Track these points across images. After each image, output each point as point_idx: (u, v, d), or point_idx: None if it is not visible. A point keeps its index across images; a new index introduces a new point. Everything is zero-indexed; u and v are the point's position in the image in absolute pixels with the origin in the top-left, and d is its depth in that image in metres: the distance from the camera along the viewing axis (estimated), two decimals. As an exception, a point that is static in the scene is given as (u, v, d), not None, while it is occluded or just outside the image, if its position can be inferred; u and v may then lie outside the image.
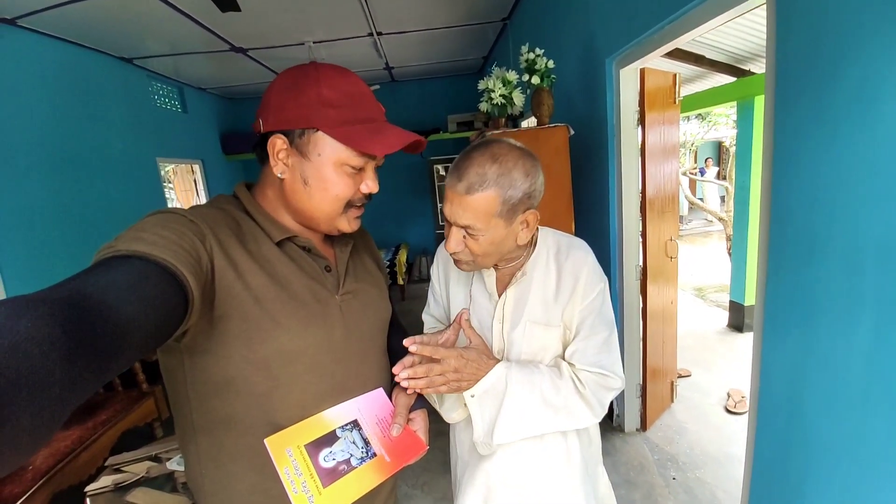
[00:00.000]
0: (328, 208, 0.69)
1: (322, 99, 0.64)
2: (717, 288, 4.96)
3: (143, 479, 1.65)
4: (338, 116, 0.65)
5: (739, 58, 3.65)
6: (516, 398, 0.79)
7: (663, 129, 2.26)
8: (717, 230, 8.10)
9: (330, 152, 0.66)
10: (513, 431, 0.80)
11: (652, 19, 1.65)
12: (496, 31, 4.14)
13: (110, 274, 0.44)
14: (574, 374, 0.83)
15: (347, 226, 0.73)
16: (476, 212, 0.75)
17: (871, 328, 0.92)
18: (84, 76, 3.32)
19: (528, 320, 0.85)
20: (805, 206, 1.06)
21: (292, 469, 0.61)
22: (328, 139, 0.65)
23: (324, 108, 0.64)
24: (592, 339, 0.84)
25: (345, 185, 0.68)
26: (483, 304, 0.91)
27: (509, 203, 0.75)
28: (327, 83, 0.65)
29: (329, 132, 0.65)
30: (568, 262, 0.86)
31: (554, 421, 0.82)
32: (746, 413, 2.51)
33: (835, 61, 0.94)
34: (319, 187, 0.67)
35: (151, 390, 2.54)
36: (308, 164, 0.66)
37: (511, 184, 0.74)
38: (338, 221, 0.71)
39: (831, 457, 1.05)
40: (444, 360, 0.74)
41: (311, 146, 0.65)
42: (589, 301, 0.84)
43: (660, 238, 2.33)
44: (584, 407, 0.82)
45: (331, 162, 0.66)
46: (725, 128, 8.86)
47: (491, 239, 0.78)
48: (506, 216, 0.76)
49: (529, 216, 0.79)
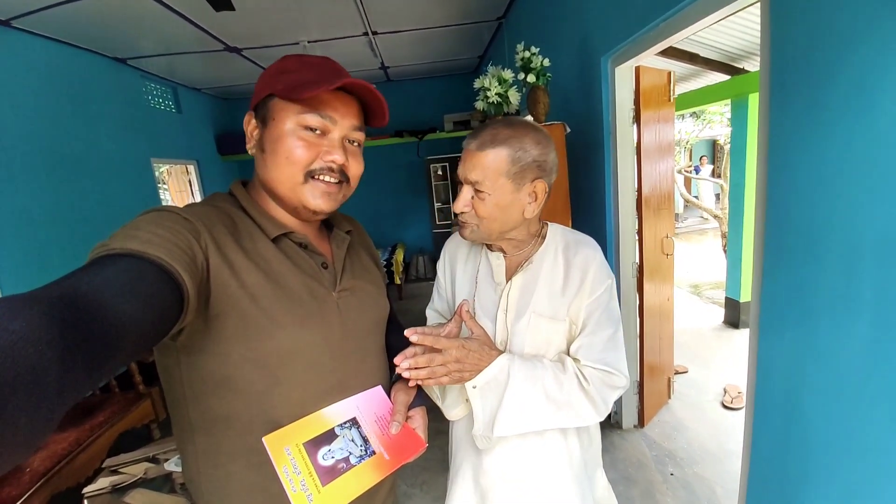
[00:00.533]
0: (283, 175, 0.67)
1: (280, 68, 0.68)
2: (713, 285, 4.98)
3: (141, 481, 1.64)
4: (289, 80, 0.66)
5: (733, 56, 3.67)
6: (518, 391, 0.78)
7: (658, 127, 2.27)
8: (713, 227, 8.14)
9: (283, 114, 0.66)
10: (513, 425, 0.80)
11: (647, 17, 1.65)
12: (491, 30, 4.15)
13: (105, 272, 0.44)
14: (579, 370, 0.83)
15: (312, 200, 0.69)
16: (485, 168, 0.77)
17: (869, 324, 0.92)
18: (78, 77, 3.30)
19: (533, 312, 0.85)
20: (801, 203, 1.07)
21: (291, 468, 0.61)
22: (281, 102, 0.66)
23: (280, 74, 0.67)
24: (598, 334, 0.84)
25: (297, 148, 0.66)
26: (488, 293, 0.91)
27: (518, 164, 0.77)
28: (291, 58, 0.69)
29: (278, 93, 0.66)
30: (577, 257, 0.86)
31: (556, 417, 0.81)
32: (743, 408, 2.54)
33: (830, 59, 0.95)
34: (274, 151, 0.67)
35: (148, 392, 2.53)
36: (266, 132, 0.68)
37: (521, 146, 0.77)
38: (300, 193, 0.68)
39: (829, 453, 1.06)
40: (446, 350, 0.74)
41: (269, 112, 0.67)
42: (596, 296, 0.84)
43: (656, 235, 2.34)
44: (587, 404, 0.81)
45: (283, 124, 0.66)
46: (720, 126, 8.91)
47: (497, 201, 0.79)
48: (514, 178, 0.78)
49: (539, 186, 0.80)
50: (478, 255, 0.95)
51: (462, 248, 1.00)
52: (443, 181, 5.97)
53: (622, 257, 2.28)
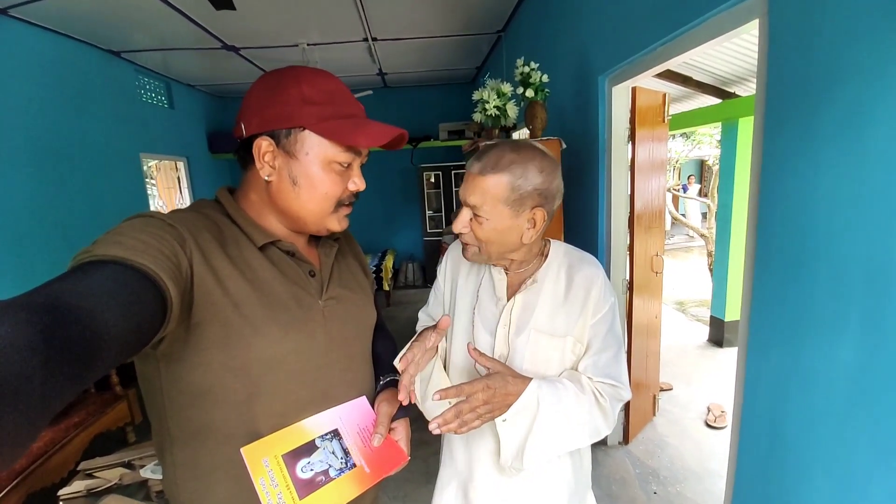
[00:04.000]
0: (317, 208, 0.69)
1: (304, 97, 0.65)
2: (698, 303, 5.05)
3: (116, 486, 1.59)
4: (320, 113, 0.65)
5: (725, 80, 3.76)
6: (546, 417, 0.77)
7: (652, 146, 2.30)
8: (699, 245, 8.28)
9: (318, 150, 0.66)
10: (543, 451, 0.78)
11: (646, 40, 1.68)
12: (490, 42, 4.19)
13: (88, 279, 0.43)
14: (594, 387, 0.84)
15: (337, 225, 0.72)
16: (484, 194, 0.77)
17: (856, 346, 0.94)
18: (70, 68, 3.25)
19: (534, 328, 0.85)
20: (791, 225, 1.09)
21: (268, 480, 0.60)
22: (315, 137, 0.65)
23: (306, 105, 0.65)
24: (605, 353, 0.84)
25: (333, 183, 0.68)
26: (489, 307, 0.90)
27: (517, 192, 0.76)
28: (307, 82, 0.66)
29: (314, 129, 0.65)
30: (578, 275, 0.86)
31: (580, 436, 0.81)
32: (726, 428, 2.56)
33: (825, 85, 0.97)
34: (308, 186, 0.67)
35: (125, 393, 2.46)
36: (296, 164, 0.66)
37: (524, 174, 0.76)
38: (328, 221, 0.71)
39: (814, 474, 1.07)
40: (472, 396, 0.71)
41: (299, 145, 0.65)
42: (600, 316, 0.84)
43: (646, 253, 2.37)
44: (602, 419, 0.82)
45: (319, 160, 0.66)
46: (708, 147, 9.11)
47: (494, 226, 0.78)
48: (512, 205, 0.77)
49: (538, 214, 0.79)
50: (481, 268, 0.95)
51: (465, 259, 0.99)
52: (435, 189, 5.98)
53: (613, 274, 2.29)
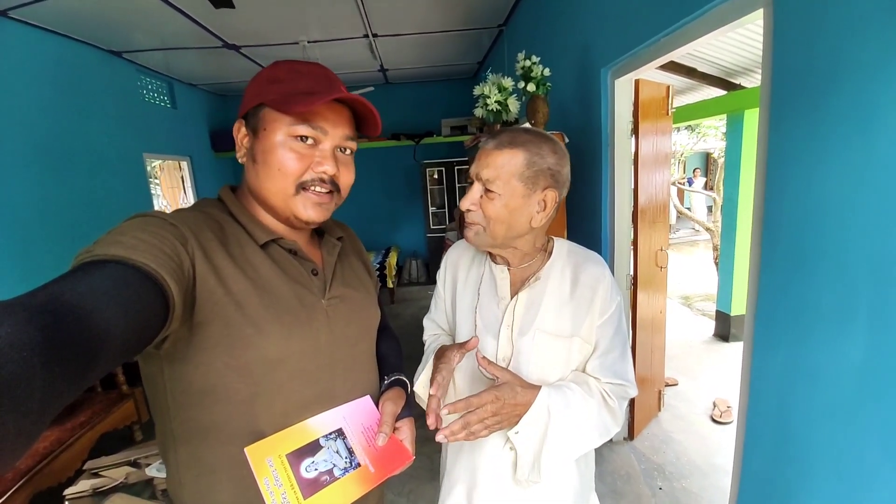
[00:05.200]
0: (274, 186, 0.67)
1: (270, 76, 0.67)
2: (703, 297, 5.02)
3: (122, 485, 1.60)
4: (280, 90, 0.65)
5: (730, 71, 3.71)
6: (558, 425, 0.76)
7: (656, 140, 2.28)
8: (704, 239, 8.21)
9: (275, 125, 0.65)
10: (557, 460, 0.78)
11: (648, 31, 1.66)
12: (492, 37, 4.16)
13: (89, 279, 0.43)
14: (602, 388, 0.83)
15: (304, 211, 0.68)
16: (500, 167, 0.77)
17: (863, 340, 0.92)
18: (72, 69, 3.26)
19: (538, 329, 0.83)
20: (797, 219, 1.07)
21: (272, 479, 0.59)
22: (272, 112, 0.65)
23: (271, 84, 0.66)
24: (612, 353, 0.84)
25: (289, 160, 0.65)
26: (491, 307, 0.88)
27: (533, 168, 0.76)
28: (282, 66, 0.68)
29: (271, 104, 0.65)
30: (584, 274, 0.85)
31: (591, 439, 0.80)
32: (732, 423, 2.54)
33: (831, 75, 0.95)
34: (264, 162, 0.66)
35: (131, 392, 2.48)
36: (257, 142, 0.67)
37: (539, 152, 0.77)
38: (292, 204, 0.67)
39: (820, 470, 1.06)
40: (481, 407, 0.71)
41: (260, 122, 0.66)
42: (607, 317, 0.84)
43: (650, 247, 2.35)
44: (611, 419, 0.82)
45: (274, 134, 0.65)
46: (714, 139, 9.02)
47: (506, 202, 0.77)
48: (526, 182, 0.77)
49: (549, 195, 0.79)
50: (481, 266, 0.93)
51: (464, 258, 0.97)
52: (438, 185, 5.97)
53: (617, 269, 2.28)
